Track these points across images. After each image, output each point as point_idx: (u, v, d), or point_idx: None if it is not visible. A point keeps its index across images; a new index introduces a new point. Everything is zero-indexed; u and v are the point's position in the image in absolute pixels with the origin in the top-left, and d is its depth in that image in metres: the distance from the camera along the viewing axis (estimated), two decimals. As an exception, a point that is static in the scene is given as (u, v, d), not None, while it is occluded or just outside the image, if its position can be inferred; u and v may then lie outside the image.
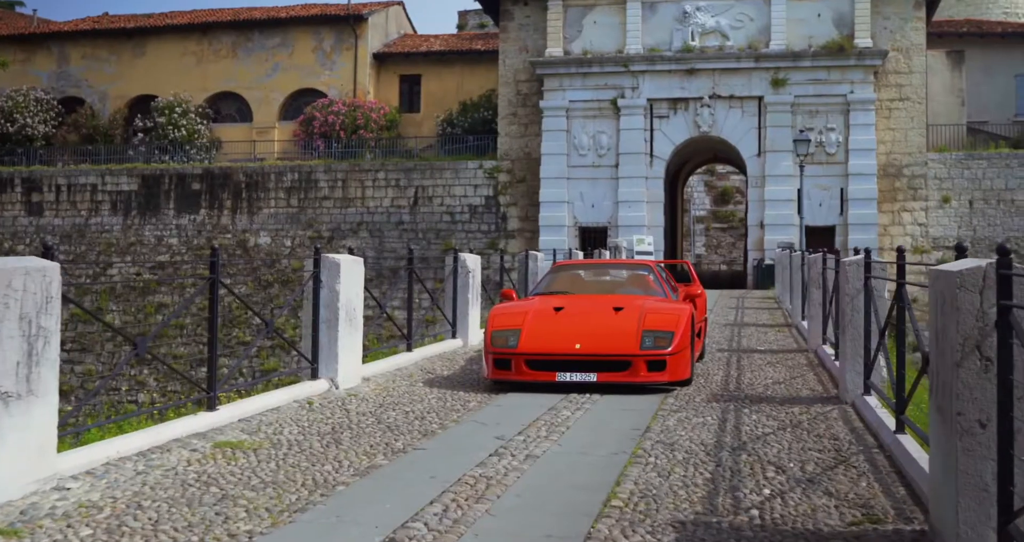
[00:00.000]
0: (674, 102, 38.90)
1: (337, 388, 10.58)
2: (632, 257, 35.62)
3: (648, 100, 38.80)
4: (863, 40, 37.71)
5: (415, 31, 53.65)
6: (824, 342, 14.49)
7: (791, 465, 7.14)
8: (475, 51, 47.20)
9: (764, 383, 11.52)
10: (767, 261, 36.31)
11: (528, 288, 20.65)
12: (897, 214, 38.32)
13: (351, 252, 11.32)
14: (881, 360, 9.66)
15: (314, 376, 10.50)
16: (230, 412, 8.54)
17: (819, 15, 38.29)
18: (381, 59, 47.34)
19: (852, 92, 37.72)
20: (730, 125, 38.47)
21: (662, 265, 14.53)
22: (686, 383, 10.87)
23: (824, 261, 14.58)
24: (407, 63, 47.58)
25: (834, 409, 9.58)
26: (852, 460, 7.29)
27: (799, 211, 37.53)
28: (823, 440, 8.05)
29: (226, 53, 47.40)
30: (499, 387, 10.96)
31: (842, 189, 37.56)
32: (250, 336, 36.96)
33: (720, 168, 60.58)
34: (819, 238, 36.30)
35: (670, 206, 42.86)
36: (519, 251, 31.23)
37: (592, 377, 10.48)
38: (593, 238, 38.30)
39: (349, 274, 10.90)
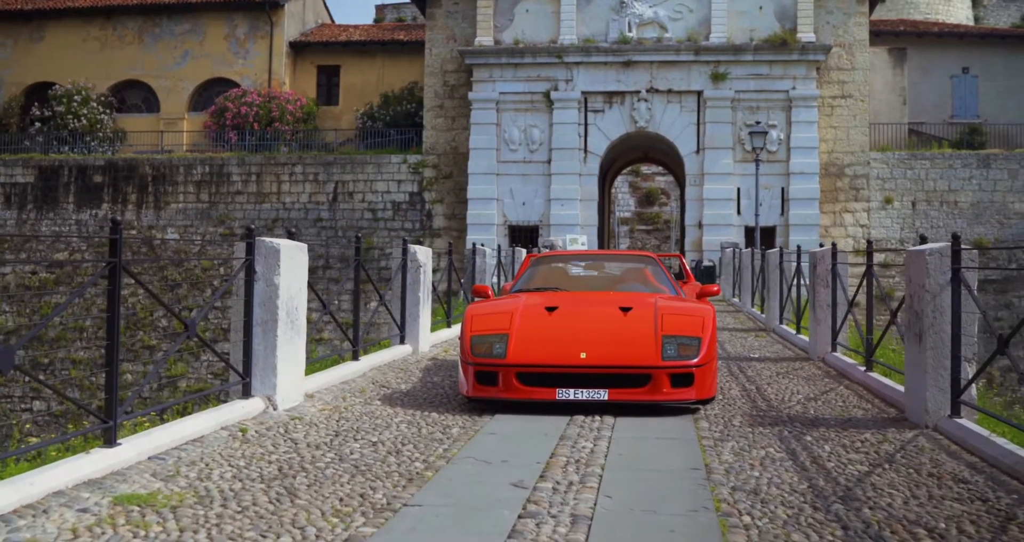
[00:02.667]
0: (610, 96, 36.94)
1: (275, 409, 8.28)
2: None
3: (583, 93, 36.77)
4: (806, 34, 36.15)
5: (333, 21, 51.11)
6: (835, 349, 12.56)
7: (941, 525, 5.07)
8: (397, 42, 44.84)
9: (795, 399, 9.48)
10: (706, 262, 34.50)
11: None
12: (839, 215, 36.85)
13: (291, 235, 9.03)
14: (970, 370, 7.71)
15: (246, 393, 8.19)
16: (137, 447, 6.22)
17: (761, 8, 36.65)
18: (298, 49, 44.73)
19: (794, 88, 36.13)
20: (668, 120, 36.63)
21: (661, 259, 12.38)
22: (709, 401, 8.76)
23: (835, 256, 12.63)
24: (325, 53, 45.02)
25: (915, 434, 7.56)
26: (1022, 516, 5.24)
27: (738, 210, 36.01)
28: (947, 483, 6.01)
29: (132, 39, 44.31)
30: (478, 406, 8.76)
31: (783, 188, 35.94)
32: (156, 340, 34.13)
33: (645, 169, 59.12)
34: (760, 238, 34.58)
35: (601, 205, 40.99)
36: (444, 250, 28.99)
37: (602, 395, 8.31)
38: (524, 237, 36.19)
39: (291, 264, 8.61)
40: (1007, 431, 7.30)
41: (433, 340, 14.50)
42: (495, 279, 20.49)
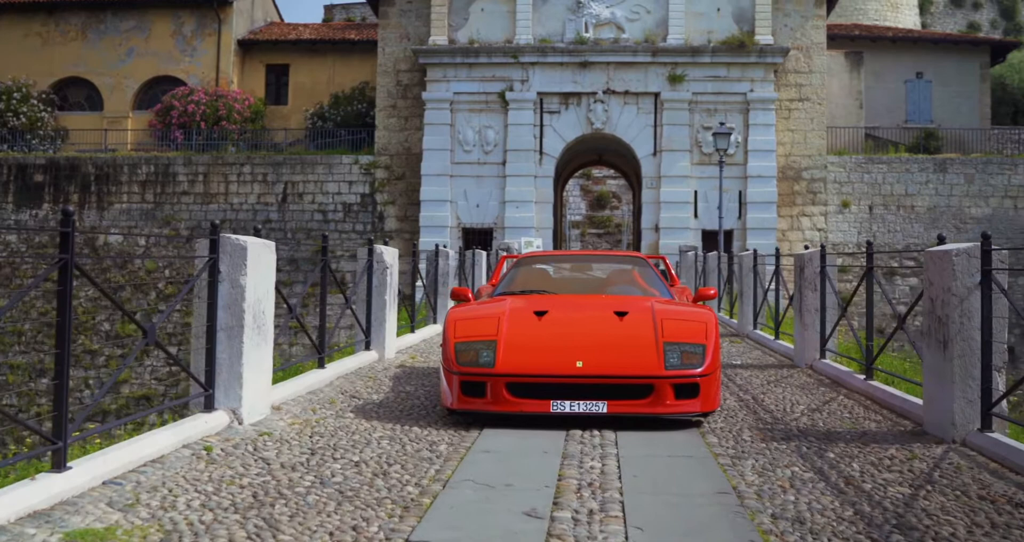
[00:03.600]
0: (566, 97, 36.31)
1: (241, 423, 7.51)
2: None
3: (538, 94, 36.11)
4: (764, 37, 35.78)
5: (282, 19, 50.09)
6: (824, 356, 11.98)
7: (1021, 561, 4.45)
8: (348, 41, 43.94)
9: (798, 410, 8.86)
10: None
11: (440, 290, 17.70)
12: (796, 219, 36.51)
13: (257, 233, 8.27)
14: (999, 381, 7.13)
15: (208, 406, 7.41)
16: (89, 471, 5.44)
17: (719, 9, 36.21)
18: (246, 47, 43.69)
19: (752, 90, 35.71)
20: (625, 122, 36.07)
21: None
22: (710, 413, 8.10)
23: (823, 258, 12.06)
24: (274, 52, 44.03)
25: (944, 450, 6.95)
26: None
27: (695, 214, 35.55)
28: (1004, 508, 5.39)
29: (75, 36, 43.01)
30: (462, 419, 8.05)
31: (740, 192, 35.50)
32: (97, 344, 32.98)
33: (597, 172, 58.79)
34: (716, 242, 34.10)
35: (556, 208, 40.40)
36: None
37: (600, 407, 7.62)
38: (477, 240, 35.43)
39: (258, 263, 7.85)
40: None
41: (398, 346, 13.75)
42: (455, 282, 19.75)
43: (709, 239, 34.89)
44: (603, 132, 36.14)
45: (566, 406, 7.61)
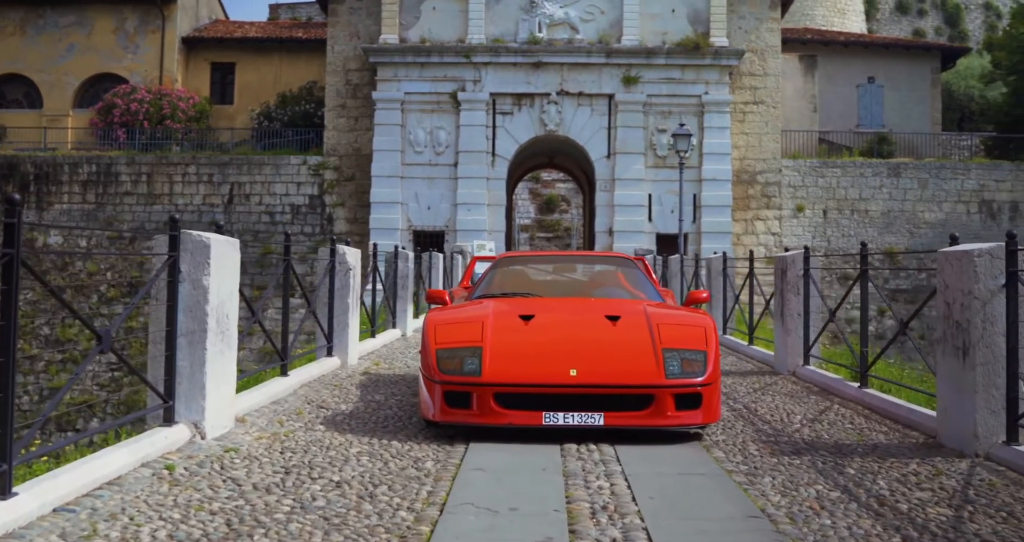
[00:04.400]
0: (519, 98, 35.77)
1: (203, 438, 6.85)
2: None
3: (491, 94, 35.55)
4: (719, 39, 35.49)
5: (227, 17, 49.10)
6: (808, 362, 11.50)
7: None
8: (295, 39, 43.06)
9: (795, 420, 8.35)
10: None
11: (400, 294, 17.05)
12: (750, 223, 36.25)
13: (218, 229, 7.61)
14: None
15: (168, 419, 6.74)
16: (39, 496, 4.75)
17: (673, 11, 35.87)
18: (191, 44, 42.65)
19: (707, 93, 35.41)
20: (579, 124, 35.60)
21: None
22: (709, 425, 7.56)
23: (807, 261, 11.58)
24: (220, 50, 43.01)
25: (969, 465, 6.45)
26: None
27: (650, 217, 35.16)
28: (1062, 533, 4.89)
29: (13, 31, 41.71)
30: (444, 432, 7.44)
31: (695, 195, 35.12)
32: (37, 349, 31.90)
33: (546, 175, 58.39)
34: (670, 246, 33.70)
35: (508, 211, 39.87)
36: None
37: (597, 419, 7.03)
38: (429, 243, 34.73)
39: (222, 262, 7.20)
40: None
41: (360, 351, 13.09)
42: (414, 285, 19.11)
43: (663, 243, 34.51)
44: (556, 134, 35.66)
45: (559, 418, 7.02)
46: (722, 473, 6.11)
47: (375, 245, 16.62)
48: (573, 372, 7.11)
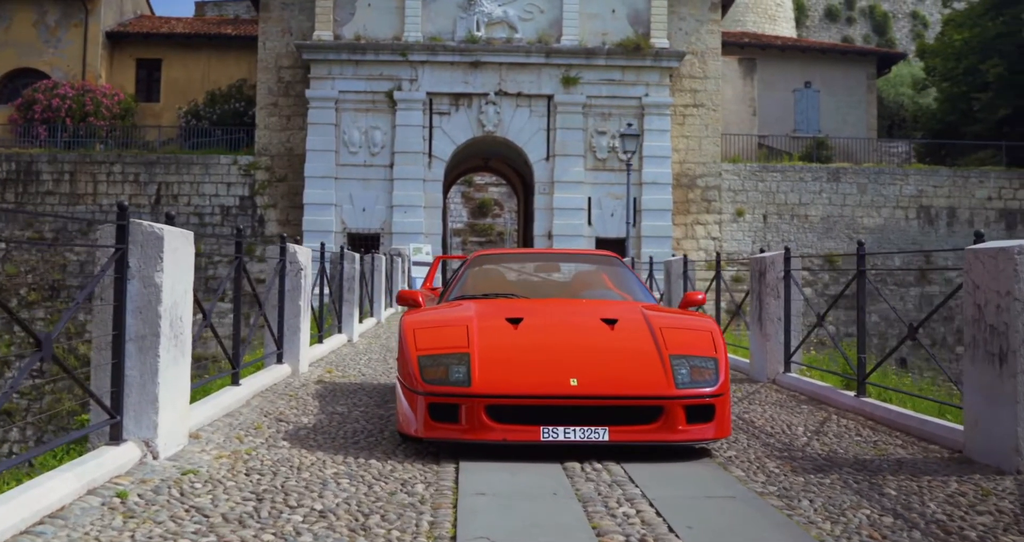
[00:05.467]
0: (456, 98, 35.00)
1: (156, 458, 6.00)
2: (408, 269, 31.59)
3: (428, 94, 34.74)
4: (660, 40, 35.03)
5: (153, 13, 47.70)
6: (789, 369, 10.90)
7: None
8: (224, 36, 41.86)
9: (798, 433, 7.70)
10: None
11: (346, 297, 16.18)
12: (690, 227, 35.84)
13: (169, 220, 6.75)
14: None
15: (116, 437, 5.89)
16: (-29, 535, 3.92)
17: (614, 11, 35.34)
18: (115, 39, 41.27)
19: (647, 95, 34.94)
20: (517, 125, 34.92)
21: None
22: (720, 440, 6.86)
23: (787, 262, 10.98)
24: (146, 46, 41.66)
25: (1017, 484, 5.83)
26: None
27: (589, 221, 34.60)
28: None
29: (-74, 23, 40.11)
30: (427, 448, 6.66)
31: (635, 199, 34.60)
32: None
33: (479, 179, 57.72)
34: (610, 250, 33.07)
35: (444, 214, 39.07)
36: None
37: (601, 434, 6.28)
38: (364, 246, 33.79)
39: (177, 258, 6.37)
40: None
41: (310, 358, 12.24)
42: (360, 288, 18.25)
43: (604, 247, 33.91)
44: (495, 135, 34.95)
45: (560, 433, 6.26)
46: (754, 496, 5.41)
47: (323, 244, 15.78)
48: (574, 382, 6.36)
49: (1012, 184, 36.85)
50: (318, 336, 13.85)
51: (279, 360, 10.86)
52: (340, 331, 15.96)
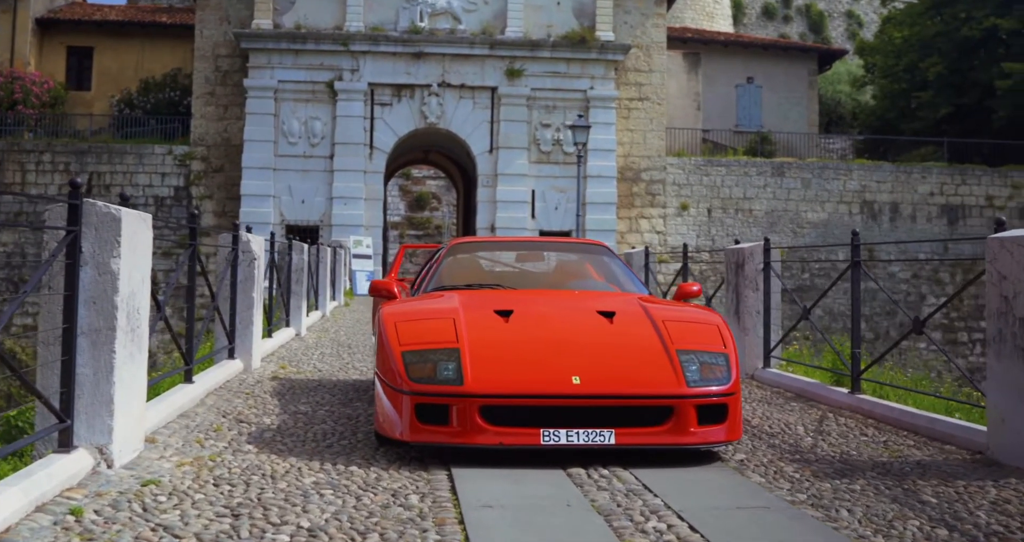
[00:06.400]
0: (399, 89, 34.30)
1: (111, 466, 5.35)
2: (349, 262, 30.91)
3: (369, 85, 33.99)
4: (605, 33, 34.61)
5: (84, -1, 46.37)
6: (769, 364, 10.46)
7: None
8: (159, 24, 40.74)
9: (799, 433, 7.23)
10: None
11: (294, 289, 15.50)
12: (635, 221, 35.49)
13: (124, 200, 6.09)
14: None
15: (65, 443, 5.23)
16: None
17: (559, 3, 34.85)
18: (45, 26, 39.97)
19: (592, 88, 34.53)
20: (460, 117, 34.31)
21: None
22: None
23: (767, 252, 10.54)
24: (77, 33, 40.37)
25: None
26: None
27: (533, 214, 34.13)
28: None
29: None
30: (411, 452, 6.08)
31: (579, 192, 34.11)
32: None
33: (416, 172, 56.96)
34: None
35: (385, 207, 38.36)
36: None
37: (607, 437, 5.72)
38: (303, 238, 32.90)
39: (135, 243, 5.72)
40: None
41: (261, 353, 11.57)
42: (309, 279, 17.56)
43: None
44: (437, 127, 34.33)
45: (562, 436, 5.69)
46: (787, 505, 4.91)
47: (272, 234, 15.10)
48: (576, 379, 5.81)
49: (954, 180, 36.97)
50: (267, 330, 13.17)
51: (231, 355, 10.19)
52: (288, 325, 15.28)
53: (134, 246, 5.70)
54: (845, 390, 8.60)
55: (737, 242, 11.60)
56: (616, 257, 8.49)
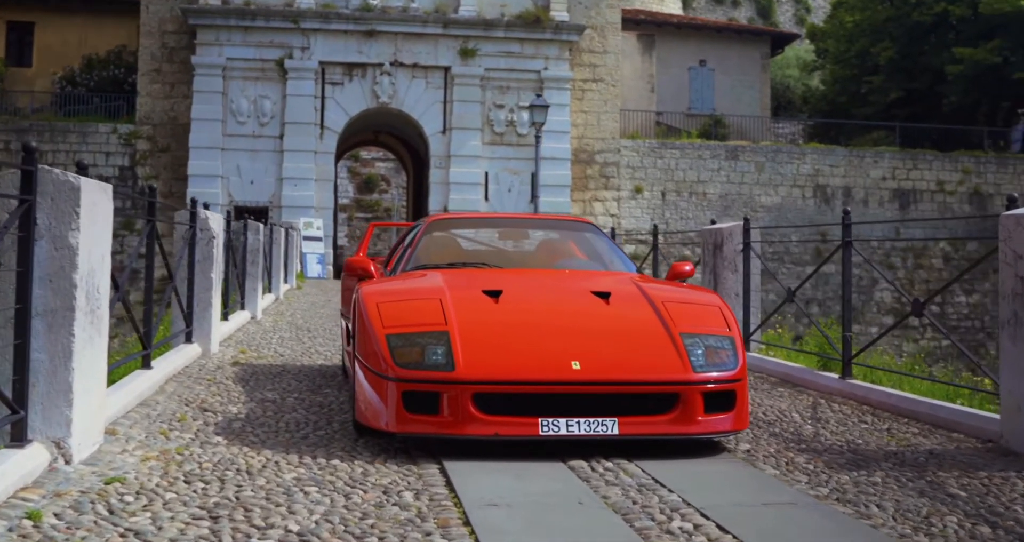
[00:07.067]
0: (350, 67, 33.66)
1: (69, 462, 4.89)
2: (300, 244, 30.35)
3: (320, 63, 33.32)
4: (560, 13, 34.18)
5: (25, -27, 45.08)
6: (749, 348, 10.15)
7: None
8: (102, -1, 39.71)
9: (797, 421, 6.92)
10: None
11: (249, 271, 14.98)
12: (588, 204, 35.18)
13: (81, 169, 5.59)
14: None
15: (19, 437, 4.75)
16: None
17: (513, -18, 34.37)
18: (-17, 0, 38.84)
19: (547, 68, 34.12)
20: (413, 97, 33.77)
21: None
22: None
23: (747, 233, 10.22)
24: (17, 8, 39.16)
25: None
26: None
27: (486, 196, 33.74)
28: None
29: None
30: (396, 443, 5.67)
31: (533, 174, 33.75)
32: None
33: (365, 153, 56.32)
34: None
35: (336, 188, 37.73)
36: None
37: (610, 427, 5.36)
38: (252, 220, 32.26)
39: (94, 215, 5.25)
40: None
41: (219, 337, 11.09)
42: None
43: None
44: (389, 107, 33.76)
45: (561, 426, 5.32)
46: (814, 501, 4.57)
47: (229, 213, 14.57)
48: (576, 365, 5.42)
49: (906, 164, 37.06)
50: (224, 313, 12.67)
51: (188, 339, 9.69)
52: (243, 308, 14.77)
53: (94, 218, 5.23)
54: (835, 375, 8.31)
55: (714, 222, 11.28)
56: (603, 235, 8.12)
